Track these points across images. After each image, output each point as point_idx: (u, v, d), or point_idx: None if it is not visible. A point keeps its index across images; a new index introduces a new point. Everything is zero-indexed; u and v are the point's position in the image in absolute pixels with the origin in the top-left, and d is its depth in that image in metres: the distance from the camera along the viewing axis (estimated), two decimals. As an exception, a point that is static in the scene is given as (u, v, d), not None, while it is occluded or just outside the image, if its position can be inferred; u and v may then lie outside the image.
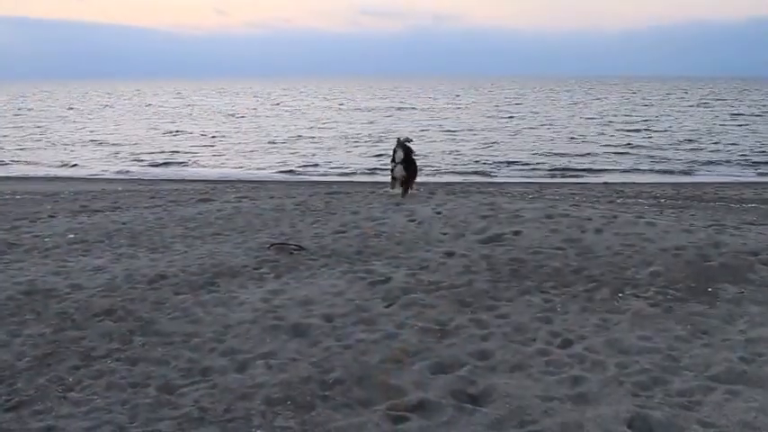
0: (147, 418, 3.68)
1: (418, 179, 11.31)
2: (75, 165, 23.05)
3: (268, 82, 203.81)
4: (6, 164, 23.90)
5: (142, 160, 23.81)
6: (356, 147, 26.87)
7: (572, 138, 29.05)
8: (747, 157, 22.43)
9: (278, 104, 63.83)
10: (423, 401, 3.76)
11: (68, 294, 5.86)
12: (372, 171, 20.15)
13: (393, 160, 10.36)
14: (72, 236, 8.58)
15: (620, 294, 5.61)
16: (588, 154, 23.62)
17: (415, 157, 10.67)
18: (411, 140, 10.69)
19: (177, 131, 34.66)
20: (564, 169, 20.56)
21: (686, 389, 3.87)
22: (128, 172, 21.67)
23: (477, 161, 22.50)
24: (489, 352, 4.46)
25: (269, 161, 23.31)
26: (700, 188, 16.00)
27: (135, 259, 7.18)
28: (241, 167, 22.23)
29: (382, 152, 24.63)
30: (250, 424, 3.60)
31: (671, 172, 19.94)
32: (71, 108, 59.87)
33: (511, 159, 22.60)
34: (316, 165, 22.33)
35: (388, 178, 11.18)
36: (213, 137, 31.91)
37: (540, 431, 3.41)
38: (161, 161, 23.60)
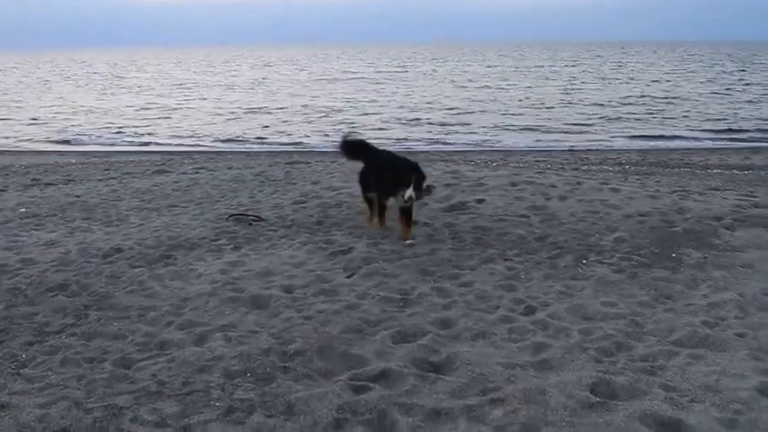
0: (104, 392, 3.59)
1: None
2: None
3: (225, 51, 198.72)
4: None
5: (89, 135, 22.62)
6: (317, 117, 26.33)
7: (537, 105, 29.06)
8: (714, 123, 22.67)
9: (232, 74, 61.76)
10: (385, 371, 3.71)
11: (20, 270, 5.70)
12: (333, 142, 19.87)
13: (400, 189, 5.99)
14: (24, 210, 8.35)
15: (584, 261, 5.61)
16: (552, 120, 23.66)
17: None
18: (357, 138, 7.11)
19: (112, 103, 33.09)
20: (528, 131, 20.61)
21: (649, 353, 3.88)
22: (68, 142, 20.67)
23: (440, 129, 22.36)
24: (452, 320, 4.43)
25: (227, 132, 22.69)
26: (665, 154, 16.22)
27: (89, 233, 6.99)
28: (197, 139, 21.50)
29: (343, 121, 24.20)
30: (209, 397, 3.52)
31: (637, 138, 20.03)
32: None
33: (474, 128, 22.51)
34: (274, 135, 21.81)
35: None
36: (167, 108, 30.78)
37: (502, 398, 3.38)
38: (110, 135, 22.53)
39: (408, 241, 6.18)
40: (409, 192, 5.91)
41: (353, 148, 6.88)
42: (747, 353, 3.85)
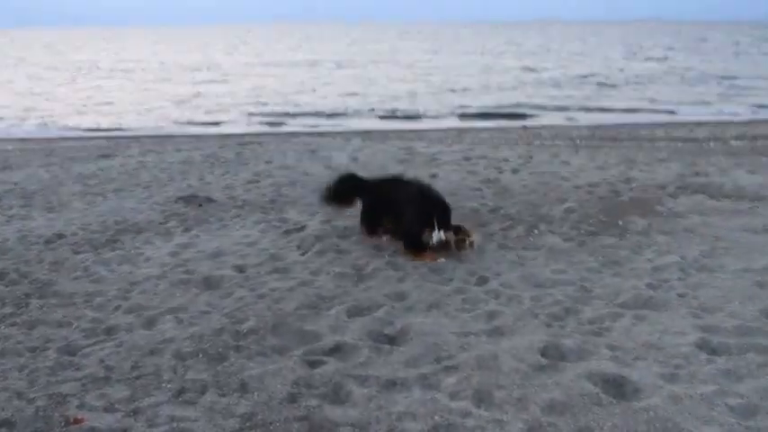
0: (48, 381, 3.48)
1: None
2: None
3: (171, 31, 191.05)
4: None
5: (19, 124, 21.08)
6: (264, 101, 25.69)
7: (490, 85, 29.21)
8: (660, 99, 23.23)
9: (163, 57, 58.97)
10: (339, 344, 3.71)
11: (-48, 262, 5.42)
12: (282, 121, 19.61)
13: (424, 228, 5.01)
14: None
15: (536, 231, 5.72)
16: (506, 100, 23.83)
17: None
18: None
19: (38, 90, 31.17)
20: (483, 114, 20.68)
21: (596, 317, 3.99)
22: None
23: (394, 108, 22.24)
24: (406, 293, 4.44)
25: (175, 115, 21.88)
26: (615, 129, 16.58)
27: (29, 220, 6.73)
28: (143, 122, 20.58)
29: (287, 103, 23.91)
30: (160, 379, 3.45)
31: (592, 111, 20.32)
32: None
33: (428, 107, 22.45)
34: (227, 119, 21.17)
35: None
36: (107, 92, 29.32)
37: (455, 366, 3.42)
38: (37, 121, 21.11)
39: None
40: (438, 235, 4.94)
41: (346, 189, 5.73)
42: (688, 311, 4.01)
